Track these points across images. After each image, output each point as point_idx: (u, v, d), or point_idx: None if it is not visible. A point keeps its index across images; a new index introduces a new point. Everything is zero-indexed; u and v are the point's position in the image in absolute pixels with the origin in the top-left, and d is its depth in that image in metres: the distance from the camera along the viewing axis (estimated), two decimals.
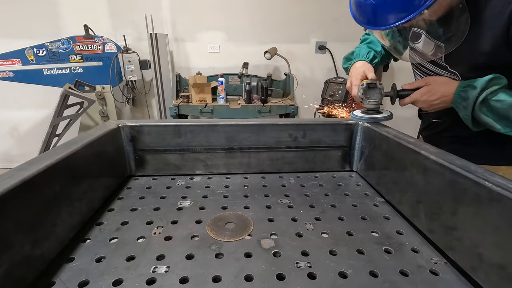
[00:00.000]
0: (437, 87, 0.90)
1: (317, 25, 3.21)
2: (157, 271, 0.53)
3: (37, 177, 0.52)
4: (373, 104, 0.96)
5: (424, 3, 0.71)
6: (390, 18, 0.76)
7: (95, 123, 3.01)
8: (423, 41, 0.90)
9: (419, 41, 0.92)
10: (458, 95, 0.85)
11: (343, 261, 0.57)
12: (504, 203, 0.46)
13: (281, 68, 3.31)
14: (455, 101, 0.86)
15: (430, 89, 0.91)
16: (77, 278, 0.51)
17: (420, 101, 0.93)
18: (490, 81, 0.79)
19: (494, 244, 0.47)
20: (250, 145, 0.95)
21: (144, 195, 0.83)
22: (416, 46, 0.95)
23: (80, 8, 2.96)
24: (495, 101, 0.79)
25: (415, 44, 0.94)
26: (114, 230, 0.66)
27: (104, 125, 0.87)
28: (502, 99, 0.78)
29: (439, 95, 0.89)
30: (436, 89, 0.89)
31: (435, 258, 0.59)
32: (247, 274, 0.53)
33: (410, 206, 0.71)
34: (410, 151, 0.71)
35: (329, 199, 0.82)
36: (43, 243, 0.53)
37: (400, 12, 0.74)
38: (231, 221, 0.70)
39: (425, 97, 0.91)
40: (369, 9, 0.79)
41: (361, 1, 0.80)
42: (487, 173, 0.52)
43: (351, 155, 1.01)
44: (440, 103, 0.90)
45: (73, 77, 2.84)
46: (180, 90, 3.03)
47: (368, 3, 0.78)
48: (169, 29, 3.13)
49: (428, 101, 0.91)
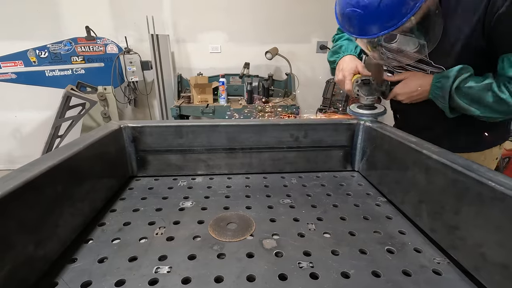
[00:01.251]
0: (415, 80, 1.00)
1: (318, 24, 3.20)
2: (159, 272, 0.53)
3: (40, 178, 0.52)
4: (370, 100, 1.02)
5: (411, 11, 0.76)
6: (378, 27, 0.80)
7: (97, 124, 3.02)
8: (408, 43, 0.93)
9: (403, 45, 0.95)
10: (434, 86, 0.95)
11: (345, 261, 0.57)
12: (507, 202, 0.45)
13: (282, 68, 3.31)
14: (432, 91, 0.96)
15: (408, 82, 1.01)
16: (79, 278, 0.52)
17: (401, 94, 1.02)
18: (460, 71, 0.89)
19: (497, 244, 0.47)
20: (252, 145, 0.95)
21: (146, 196, 0.83)
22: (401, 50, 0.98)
23: (81, 9, 2.97)
24: (467, 87, 0.89)
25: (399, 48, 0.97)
26: (117, 230, 0.66)
27: (106, 126, 0.87)
28: (473, 85, 0.88)
29: (417, 87, 0.98)
30: (414, 82, 0.99)
31: (438, 258, 0.59)
32: (249, 274, 0.53)
33: (413, 206, 0.71)
34: (412, 151, 0.71)
35: (331, 199, 0.82)
36: (45, 243, 0.53)
37: (388, 21, 0.78)
38: (233, 222, 0.70)
39: (404, 89, 1.01)
40: (357, 19, 0.81)
41: (350, 13, 0.81)
42: (489, 172, 0.52)
43: (353, 155, 1.01)
44: (418, 95, 0.99)
45: (75, 78, 2.85)
46: (181, 90, 3.04)
47: (357, 15, 0.80)
48: (170, 30, 3.14)
49: (407, 93, 1.01)
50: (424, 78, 0.98)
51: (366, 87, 1.02)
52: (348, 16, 0.83)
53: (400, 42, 0.91)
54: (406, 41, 0.90)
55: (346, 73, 1.08)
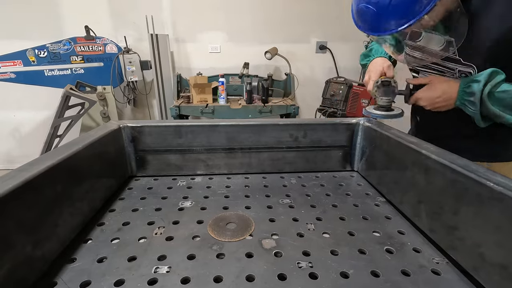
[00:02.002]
0: (439, 84, 0.92)
1: (318, 24, 3.21)
2: (158, 272, 0.53)
3: (39, 178, 0.52)
4: (385, 101, 1.00)
5: (424, 9, 0.73)
6: (390, 24, 0.78)
7: (96, 124, 3.01)
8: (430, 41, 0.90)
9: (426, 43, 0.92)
10: (463, 92, 0.87)
11: (344, 261, 0.57)
12: (505, 203, 0.45)
13: (282, 68, 3.31)
14: (460, 97, 0.88)
15: (431, 86, 0.94)
16: (79, 278, 0.52)
17: (423, 98, 0.95)
18: (492, 74, 0.82)
19: (496, 244, 0.47)
20: (251, 145, 0.95)
21: (145, 196, 0.83)
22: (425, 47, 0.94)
23: (81, 9, 2.96)
24: (500, 92, 0.81)
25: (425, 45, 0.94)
26: (116, 230, 0.66)
27: (105, 125, 0.87)
28: (507, 89, 0.81)
29: (440, 92, 0.91)
30: (438, 86, 0.92)
31: (437, 258, 0.59)
32: (249, 274, 0.53)
33: (412, 206, 0.71)
34: (411, 151, 0.71)
35: (330, 199, 0.82)
36: (44, 243, 0.53)
37: (400, 19, 0.76)
38: (232, 221, 0.70)
39: (427, 93, 0.94)
40: (369, 15, 0.81)
41: (363, 8, 0.81)
42: (488, 172, 0.52)
43: (352, 155, 1.01)
44: (443, 101, 0.91)
45: (74, 78, 2.84)
46: (181, 90, 3.03)
47: (369, 11, 0.79)
48: (170, 29, 3.13)
49: (430, 98, 0.93)
50: (450, 83, 0.90)
51: (383, 89, 1.00)
52: (361, 12, 0.83)
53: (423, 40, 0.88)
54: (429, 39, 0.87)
55: (372, 74, 1.07)
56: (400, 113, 1.00)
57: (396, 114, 0.99)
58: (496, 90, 0.82)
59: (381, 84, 1.00)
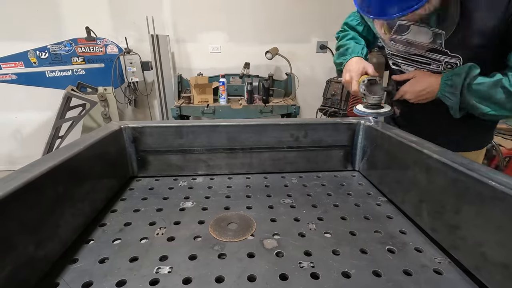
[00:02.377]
0: (424, 78, 0.99)
1: (318, 24, 3.21)
2: (160, 272, 0.53)
3: (40, 179, 0.52)
4: (376, 99, 1.02)
5: None
6: (397, 8, 0.80)
7: (97, 125, 3.02)
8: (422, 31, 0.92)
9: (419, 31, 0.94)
10: (444, 84, 0.93)
11: (346, 261, 0.57)
12: (507, 202, 0.45)
13: (282, 68, 3.31)
14: (442, 89, 0.95)
15: (417, 80, 1.00)
16: (80, 279, 0.52)
17: (408, 92, 1.02)
18: (470, 68, 0.88)
19: (498, 243, 0.47)
20: (252, 145, 0.95)
21: (146, 196, 0.83)
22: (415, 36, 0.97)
23: (81, 10, 2.97)
24: (477, 84, 0.88)
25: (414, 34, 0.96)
26: (117, 231, 0.66)
27: (106, 126, 0.87)
28: (482, 82, 0.87)
29: (425, 85, 0.98)
30: (423, 79, 0.99)
31: (439, 258, 0.59)
32: (250, 274, 0.53)
33: (413, 205, 0.71)
34: (412, 150, 0.70)
35: (332, 199, 0.82)
36: (46, 244, 0.53)
37: (406, 2, 0.78)
38: (233, 222, 0.70)
39: (412, 87, 1.01)
40: None
41: None
42: (490, 171, 0.51)
43: (353, 155, 1.01)
44: (426, 94, 0.99)
45: (75, 79, 2.85)
46: (181, 91, 3.04)
47: None
48: (170, 30, 3.14)
49: (416, 91, 1.00)
50: (433, 77, 0.97)
51: (372, 87, 1.03)
52: None
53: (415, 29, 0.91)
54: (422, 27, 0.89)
55: (354, 74, 1.08)
56: (390, 110, 1.03)
57: (387, 111, 1.02)
58: (473, 83, 0.88)
59: (368, 83, 1.02)
